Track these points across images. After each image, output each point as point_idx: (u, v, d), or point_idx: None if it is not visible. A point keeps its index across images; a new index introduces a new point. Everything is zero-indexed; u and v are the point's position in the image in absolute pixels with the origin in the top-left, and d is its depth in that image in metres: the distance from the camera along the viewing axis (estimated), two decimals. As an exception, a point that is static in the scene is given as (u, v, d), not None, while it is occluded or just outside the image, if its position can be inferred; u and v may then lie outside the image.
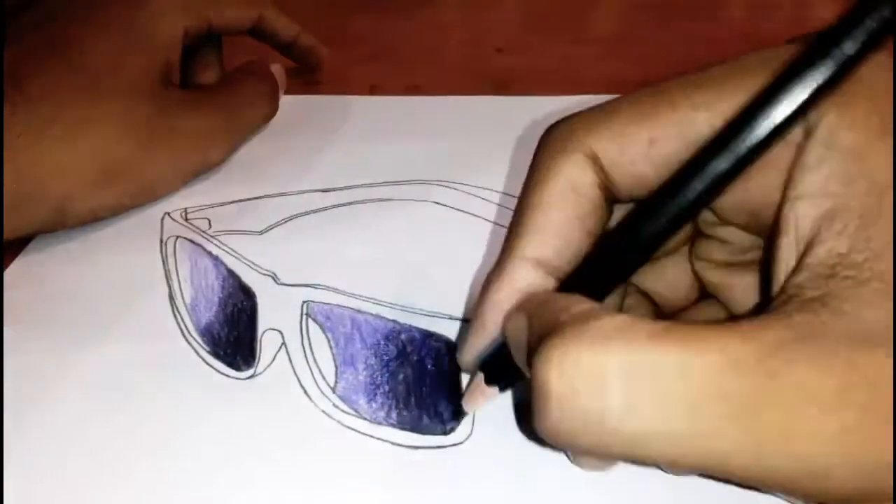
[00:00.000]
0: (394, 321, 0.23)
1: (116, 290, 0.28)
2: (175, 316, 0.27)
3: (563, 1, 0.52)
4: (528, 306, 0.17)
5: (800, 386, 0.14)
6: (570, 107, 0.38)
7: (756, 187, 0.17)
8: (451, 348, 0.23)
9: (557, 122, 0.20)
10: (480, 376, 0.20)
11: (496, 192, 0.32)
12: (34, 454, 0.22)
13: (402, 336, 0.23)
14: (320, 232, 0.30)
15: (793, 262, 0.16)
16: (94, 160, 0.29)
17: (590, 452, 0.16)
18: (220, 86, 0.36)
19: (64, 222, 0.30)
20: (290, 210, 0.31)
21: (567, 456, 0.21)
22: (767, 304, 0.16)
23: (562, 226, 0.19)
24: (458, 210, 0.31)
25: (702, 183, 0.16)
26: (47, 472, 0.22)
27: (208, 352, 0.25)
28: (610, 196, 0.19)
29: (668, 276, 0.22)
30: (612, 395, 0.14)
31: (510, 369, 0.18)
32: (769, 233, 0.17)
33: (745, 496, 0.20)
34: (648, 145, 0.18)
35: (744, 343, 0.14)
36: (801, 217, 0.16)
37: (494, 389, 0.20)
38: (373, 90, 0.41)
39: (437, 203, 0.32)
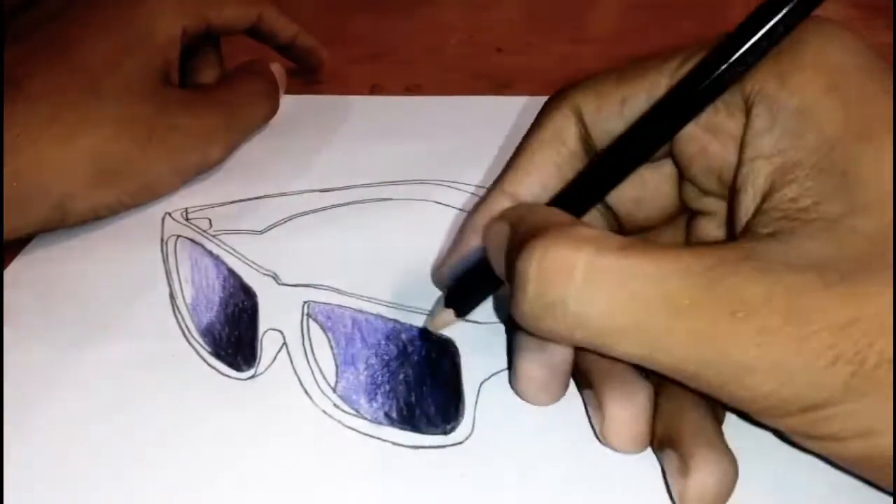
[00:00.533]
0: (394, 321, 0.23)
1: (117, 290, 0.28)
2: (176, 316, 0.27)
3: (563, 1, 0.52)
4: (512, 214, 0.20)
5: (733, 291, 0.16)
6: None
7: (717, 155, 0.20)
8: (451, 348, 0.23)
9: (566, 85, 0.23)
10: (442, 297, 0.23)
11: (496, 191, 0.32)
12: (34, 454, 0.22)
13: (403, 336, 0.23)
14: (321, 232, 0.30)
15: (751, 211, 0.18)
16: (93, 160, 0.29)
17: (552, 335, 0.18)
18: (220, 85, 0.36)
19: (64, 220, 0.30)
20: (290, 210, 0.31)
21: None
22: None
23: (542, 168, 0.22)
24: (458, 210, 0.31)
25: (659, 119, 0.19)
26: (47, 472, 0.22)
27: (209, 352, 0.25)
28: (589, 149, 0.22)
29: None
30: (576, 285, 0.17)
31: (470, 294, 0.22)
32: (731, 191, 0.19)
33: (746, 498, 0.20)
34: (621, 104, 0.21)
35: (694, 257, 0.16)
36: (756, 174, 0.18)
37: (451, 313, 0.22)
38: (373, 90, 0.41)
39: (437, 203, 0.32)
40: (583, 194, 0.21)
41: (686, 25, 0.48)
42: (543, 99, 0.38)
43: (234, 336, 0.25)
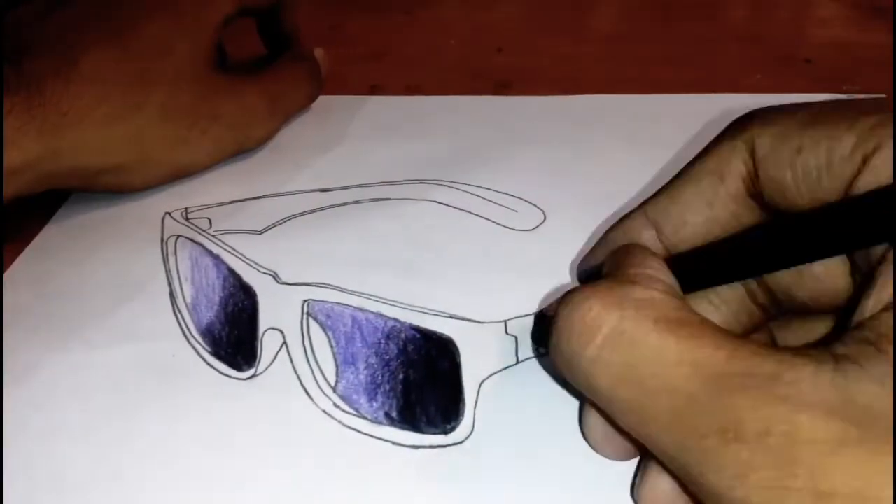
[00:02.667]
0: (395, 320, 0.23)
1: (117, 290, 0.28)
2: (176, 315, 0.27)
3: (563, 1, 0.52)
4: (619, 251, 0.20)
5: (731, 410, 0.14)
6: (571, 107, 0.38)
7: None
8: (451, 347, 0.23)
9: (755, 110, 0.19)
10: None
11: (496, 191, 0.32)
12: (34, 454, 0.22)
13: (403, 335, 0.23)
14: (321, 231, 0.30)
15: (865, 316, 0.15)
16: (135, 143, 0.30)
17: (572, 381, 0.17)
18: (265, 70, 0.36)
19: (88, 189, 0.31)
20: (290, 209, 0.31)
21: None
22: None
23: (691, 202, 0.19)
24: (458, 209, 0.31)
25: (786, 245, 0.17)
26: (47, 473, 0.22)
27: (209, 352, 0.25)
28: (752, 190, 0.19)
29: (812, 335, 0.20)
30: (594, 347, 0.16)
31: None
32: (860, 283, 0.17)
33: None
34: (796, 153, 0.17)
35: (724, 357, 0.15)
36: (887, 279, 0.15)
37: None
38: (373, 90, 0.41)
39: (438, 202, 0.32)
40: (705, 266, 0.18)
41: (686, 25, 0.48)
42: (543, 99, 0.38)
43: (234, 335, 0.25)
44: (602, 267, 0.20)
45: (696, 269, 0.19)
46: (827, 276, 0.19)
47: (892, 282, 0.15)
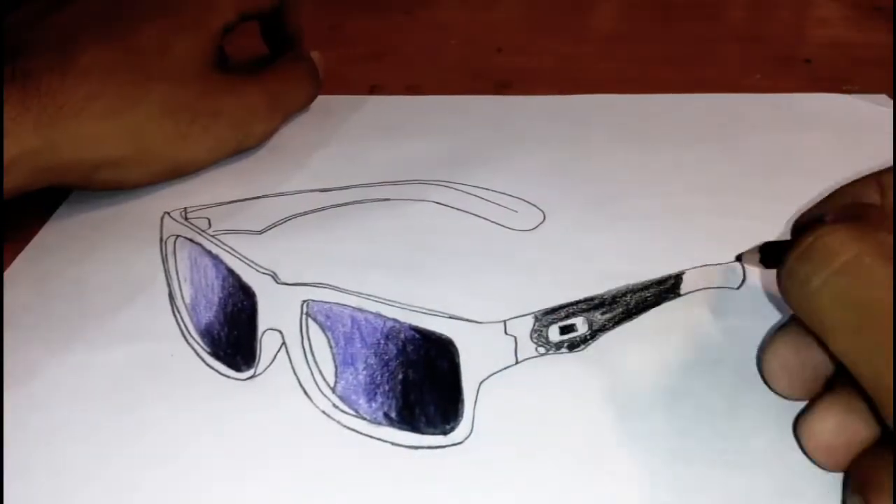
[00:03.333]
0: (394, 320, 0.23)
1: (116, 290, 0.28)
2: (175, 316, 0.27)
3: (563, 1, 0.52)
4: (857, 206, 0.21)
5: None
6: (570, 107, 0.39)
7: None
8: (451, 347, 0.23)
9: None
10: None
11: (496, 192, 0.32)
12: (34, 454, 0.22)
13: (402, 335, 0.23)
14: (320, 231, 0.30)
15: None
16: (133, 139, 0.30)
17: (791, 305, 0.19)
18: (265, 70, 0.36)
19: (86, 187, 0.31)
20: (289, 209, 0.31)
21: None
22: None
23: None
24: (458, 209, 0.31)
25: None
26: (47, 473, 0.22)
27: (208, 352, 0.25)
28: None
29: None
30: (827, 271, 0.18)
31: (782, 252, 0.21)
32: None
33: (747, 498, 0.20)
34: None
35: None
36: None
37: (756, 257, 0.23)
38: (373, 90, 0.41)
39: (437, 203, 0.31)
40: None
41: (686, 25, 0.48)
42: (543, 99, 0.38)
43: (233, 336, 0.25)
44: (822, 217, 0.21)
45: None
46: None
47: None
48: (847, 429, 0.19)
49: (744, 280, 0.26)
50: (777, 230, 0.28)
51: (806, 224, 0.22)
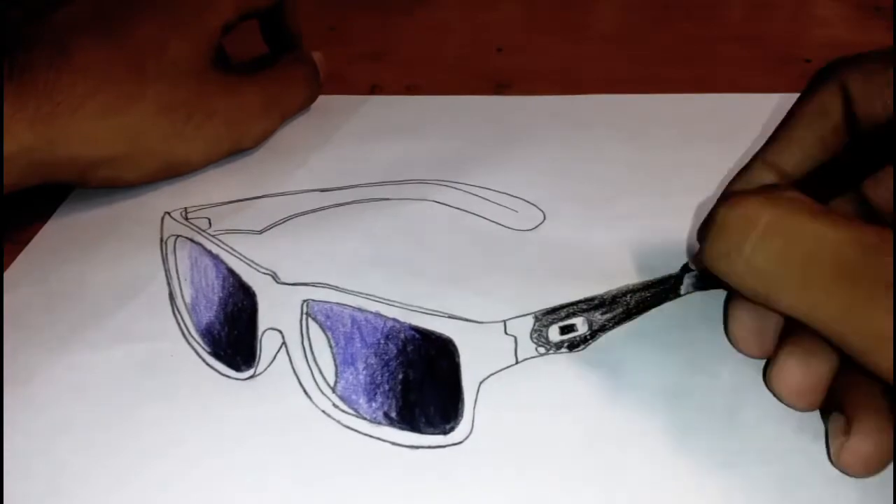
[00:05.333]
0: (394, 320, 0.23)
1: (116, 290, 0.28)
2: (175, 316, 0.27)
3: (563, 1, 0.52)
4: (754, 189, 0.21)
5: (891, 266, 0.16)
6: (571, 107, 0.38)
7: None
8: (451, 347, 0.23)
9: (838, 57, 0.23)
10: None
11: (496, 191, 0.32)
12: (34, 454, 0.22)
13: (403, 335, 0.23)
14: (320, 231, 0.30)
15: None
16: (128, 137, 0.30)
17: (727, 279, 0.19)
18: (264, 70, 0.36)
19: (81, 184, 0.31)
20: (289, 209, 0.31)
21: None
22: None
23: (805, 139, 0.22)
24: (458, 209, 0.31)
25: None
26: (47, 473, 0.22)
27: (208, 352, 0.25)
28: (851, 128, 0.22)
29: None
30: (754, 234, 0.18)
31: None
32: None
33: (747, 497, 0.20)
34: (885, 87, 0.21)
35: (874, 232, 0.17)
36: None
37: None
38: (373, 90, 0.41)
39: (437, 203, 0.31)
40: (826, 182, 0.21)
41: (686, 26, 0.48)
42: (543, 99, 0.38)
43: (234, 336, 0.25)
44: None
45: (817, 185, 0.21)
46: None
47: None
48: (812, 369, 0.21)
49: None
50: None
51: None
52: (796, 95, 0.23)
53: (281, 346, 0.24)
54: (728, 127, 0.35)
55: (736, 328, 0.23)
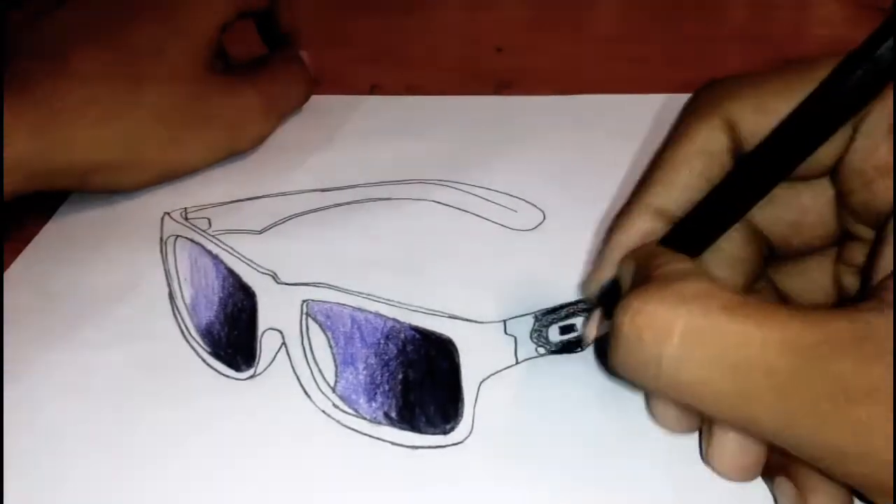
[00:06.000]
0: (394, 320, 0.23)
1: (116, 290, 0.28)
2: (175, 316, 0.27)
3: (563, 1, 0.52)
4: (638, 254, 0.20)
5: (838, 377, 0.15)
6: (571, 107, 0.38)
7: (880, 195, 0.18)
8: (451, 347, 0.23)
9: (707, 84, 0.21)
10: (600, 308, 0.22)
11: (496, 191, 0.32)
12: (34, 454, 0.22)
13: (402, 335, 0.23)
14: (320, 231, 0.30)
15: (888, 270, 0.16)
16: (125, 143, 0.30)
17: (647, 389, 0.18)
18: (259, 71, 0.36)
19: (81, 190, 0.31)
20: (289, 209, 0.31)
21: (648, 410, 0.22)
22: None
23: (689, 182, 0.20)
24: (458, 209, 0.31)
25: (777, 151, 0.18)
26: (47, 473, 0.22)
27: (208, 352, 0.25)
28: (736, 152, 0.20)
29: (809, 277, 0.22)
30: (672, 347, 0.16)
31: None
32: (876, 237, 0.18)
33: (747, 497, 0.20)
34: (777, 113, 0.18)
35: (803, 328, 0.15)
36: None
37: (607, 322, 0.21)
38: (373, 90, 0.41)
39: (437, 203, 0.31)
40: (705, 225, 0.19)
41: (686, 25, 0.48)
42: (543, 99, 0.38)
43: (234, 336, 0.25)
44: (617, 280, 0.20)
45: (698, 227, 0.20)
46: (816, 223, 0.20)
47: None
48: (752, 442, 0.19)
49: None
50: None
51: (608, 293, 0.21)
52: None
53: (281, 347, 0.24)
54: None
55: (659, 416, 0.21)
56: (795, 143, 0.17)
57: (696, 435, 0.21)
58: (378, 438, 0.22)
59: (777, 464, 0.19)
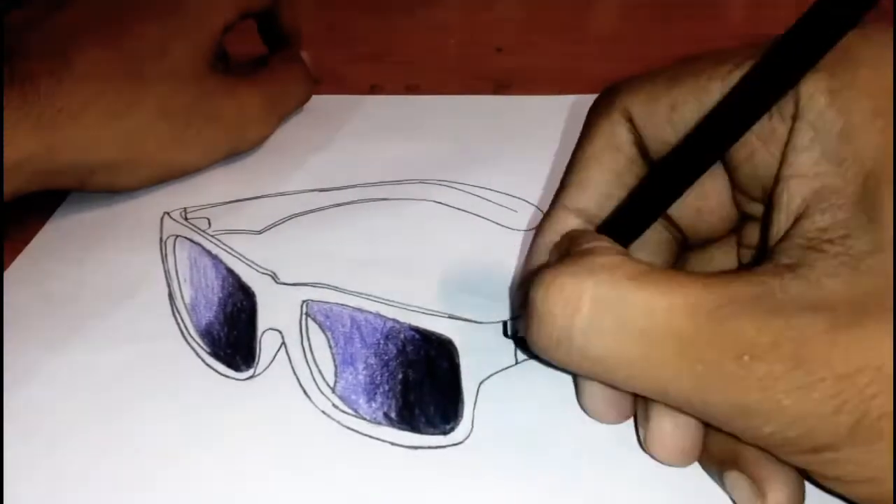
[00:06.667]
0: (394, 320, 0.23)
1: (116, 290, 0.28)
2: (175, 316, 0.27)
3: (563, 1, 0.52)
4: (561, 240, 0.20)
5: (740, 334, 0.15)
6: (570, 107, 0.38)
7: (764, 163, 0.18)
8: (451, 348, 0.23)
9: (611, 85, 0.21)
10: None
11: (496, 191, 0.32)
12: (34, 454, 0.22)
13: (402, 335, 0.23)
14: (320, 231, 0.30)
15: (781, 233, 0.17)
16: (128, 143, 0.30)
17: (564, 366, 0.18)
18: (261, 71, 0.36)
19: (83, 189, 0.31)
20: (289, 209, 0.31)
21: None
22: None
23: (601, 179, 0.21)
24: (458, 209, 0.31)
25: (700, 143, 0.18)
26: (47, 473, 0.22)
27: (208, 352, 0.25)
28: (644, 153, 0.21)
29: (716, 264, 0.22)
30: (582, 318, 0.16)
31: None
32: (766, 206, 0.19)
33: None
34: (671, 110, 0.19)
35: (705, 292, 0.16)
36: (792, 194, 0.17)
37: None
38: (373, 90, 0.41)
39: (437, 203, 0.31)
40: (631, 219, 0.20)
41: (686, 25, 0.48)
42: (543, 99, 0.38)
43: (233, 336, 0.25)
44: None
45: (623, 224, 0.20)
46: (717, 207, 0.21)
47: (794, 197, 0.17)
48: (689, 425, 0.19)
49: None
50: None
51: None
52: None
53: (280, 347, 0.24)
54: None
55: (588, 402, 0.21)
56: (717, 132, 0.18)
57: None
58: (378, 439, 0.22)
59: (725, 457, 0.19)
